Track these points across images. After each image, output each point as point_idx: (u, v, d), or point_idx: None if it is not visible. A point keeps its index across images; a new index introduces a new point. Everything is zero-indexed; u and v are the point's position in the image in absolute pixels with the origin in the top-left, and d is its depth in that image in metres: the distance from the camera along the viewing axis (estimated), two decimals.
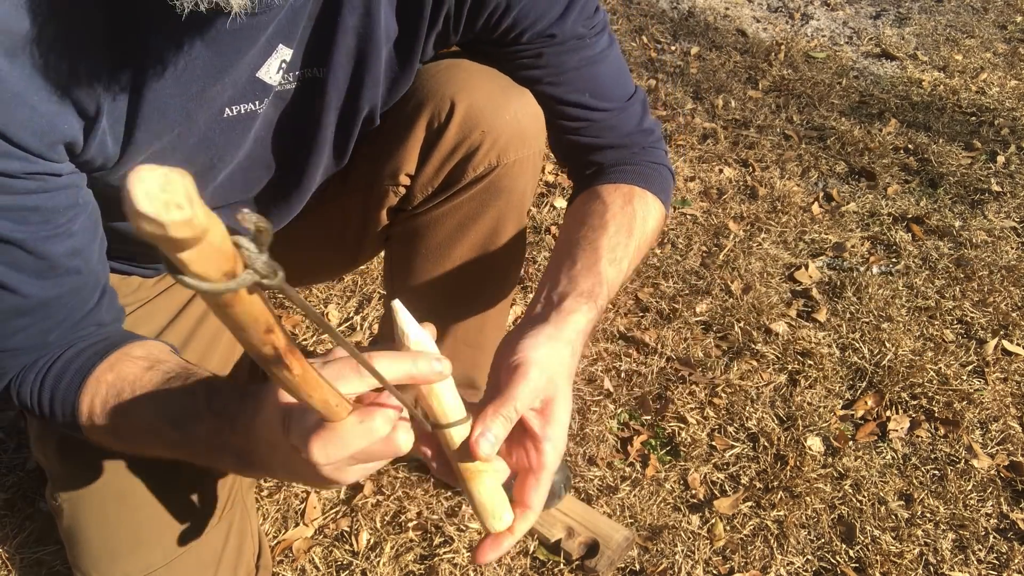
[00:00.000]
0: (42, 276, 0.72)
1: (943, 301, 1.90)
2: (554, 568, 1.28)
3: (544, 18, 0.86)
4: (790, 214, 2.17)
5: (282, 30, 0.75)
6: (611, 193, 0.92)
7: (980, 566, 1.35)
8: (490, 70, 0.92)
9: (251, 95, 0.78)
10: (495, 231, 1.01)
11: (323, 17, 0.78)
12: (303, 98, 0.84)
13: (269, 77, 0.78)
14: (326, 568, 1.27)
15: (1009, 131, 2.64)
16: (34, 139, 0.64)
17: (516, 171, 0.96)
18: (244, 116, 0.80)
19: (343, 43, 0.80)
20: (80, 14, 0.63)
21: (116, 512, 0.91)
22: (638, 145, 0.97)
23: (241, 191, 0.90)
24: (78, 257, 0.74)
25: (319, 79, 0.83)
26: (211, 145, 0.79)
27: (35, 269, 0.71)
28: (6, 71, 0.60)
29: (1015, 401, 1.65)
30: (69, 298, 0.75)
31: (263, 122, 0.83)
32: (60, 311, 0.75)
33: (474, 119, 0.91)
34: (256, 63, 0.76)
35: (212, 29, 0.68)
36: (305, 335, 1.67)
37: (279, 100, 0.83)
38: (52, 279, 0.72)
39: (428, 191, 0.99)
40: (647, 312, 1.80)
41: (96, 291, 0.78)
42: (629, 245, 0.89)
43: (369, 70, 0.84)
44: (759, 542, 1.35)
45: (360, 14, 0.79)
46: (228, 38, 0.70)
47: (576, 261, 0.85)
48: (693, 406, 1.58)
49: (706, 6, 3.42)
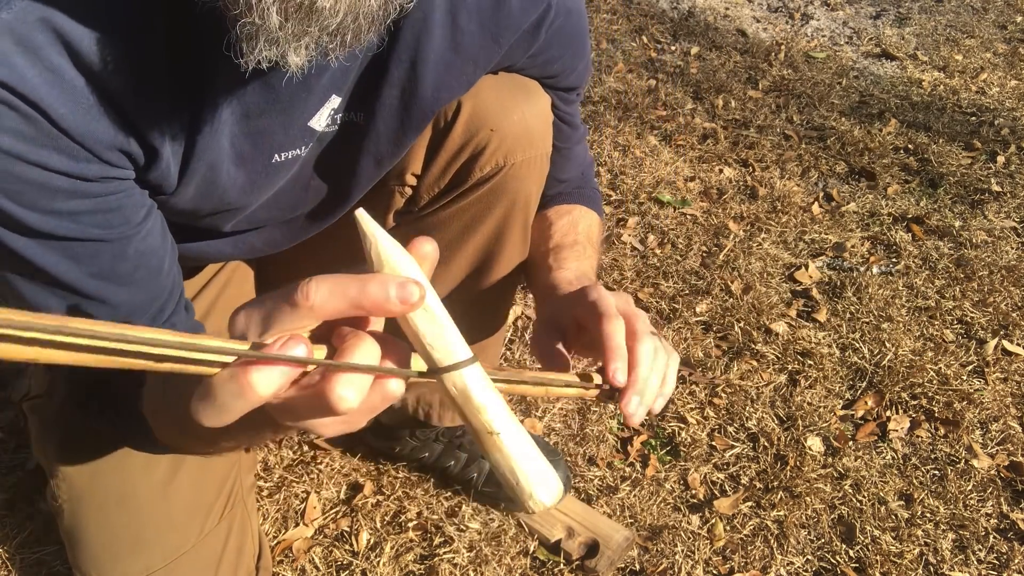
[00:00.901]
0: (126, 282, 0.72)
1: (943, 301, 1.90)
2: (554, 568, 1.28)
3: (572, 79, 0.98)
4: (790, 214, 2.17)
5: (336, 81, 0.76)
6: (558, 214, 1.06)
7: (980, 566, 1.35)
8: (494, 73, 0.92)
9: (300, 141, 0.79)
10: (501, 233, 1.01)
11: (372, 66, 0.79)
12: (342, 141, 0.85)
13: (319, 125, 0.79)
14: (326, 568, 1.27)
15: (1009, 131, 2.64)
16: (109, 150, 0.65)
17: (523, 172, 0.96)
18: (290, 161, 0.81)
19: (388, 94, 0.81)
20: (148, 60, 0.64)
21: (116, 513, 0.91)
22: (587, 177, 1.10)
23: (264, 220, 0.92)
24: (155, 257, 0.74)
25: (359, 124, 0.84)
26: (254, 188, 0.80)
27: (121, 275, 0.71)
28: (81, 87, 0.61)
29: (1015, 401, 1.65)
30: (151, 305, 0.75)
31: (301, 164, 0.84)
32: (146, 318, 0.75)
33: (481, 118, 0.91)
34: (311, 113, 0.77)
35: (273, 81, 0.70)
36: None
37: (319, 143, 0.83)
38: (135, 285, 0.72)
39: (434, 191, 0.99)
40: (647, 312, 1.80)
41: (175, 297, 0.78)
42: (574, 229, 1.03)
43: (412, 120, 0.85)
44: (759, 542, 1.35)
45: (406, 70, 0.80)
46: (287, 90, 0.72)
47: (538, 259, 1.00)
48: (693, 406, 1.58)
49: (706, 6, 3.42)
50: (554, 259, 0.97)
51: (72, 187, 0.63)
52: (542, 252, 1.01)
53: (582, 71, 0.99)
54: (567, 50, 0.93)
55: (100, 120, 0.63)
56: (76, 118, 0.61)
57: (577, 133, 1.05)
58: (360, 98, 0.81)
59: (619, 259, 1.95)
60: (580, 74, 0.99)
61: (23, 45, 0.57)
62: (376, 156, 0.87)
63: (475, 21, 0.80)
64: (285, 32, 0.55)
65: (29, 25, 0.57)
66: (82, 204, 0.65)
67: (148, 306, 0.75)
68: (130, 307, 0.73)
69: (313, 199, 0.92)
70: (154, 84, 0.65)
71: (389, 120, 0.83)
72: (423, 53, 0.79)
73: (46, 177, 0.62)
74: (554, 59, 0.92)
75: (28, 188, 0.61)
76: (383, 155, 0.88)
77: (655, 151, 2.41)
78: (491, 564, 1.28)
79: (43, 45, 0.58)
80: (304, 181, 0.88)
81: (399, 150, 0.88)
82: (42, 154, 0.61)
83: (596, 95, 2.68)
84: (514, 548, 1.30)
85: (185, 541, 0.94)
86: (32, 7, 0.57)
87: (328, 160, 0.87)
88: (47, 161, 0.61)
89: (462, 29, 0.80)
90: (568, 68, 0.96)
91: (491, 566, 1.27)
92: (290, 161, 0.81)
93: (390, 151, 0.88)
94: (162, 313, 0.76)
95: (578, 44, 0.94)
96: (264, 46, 0.56)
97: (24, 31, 0.57)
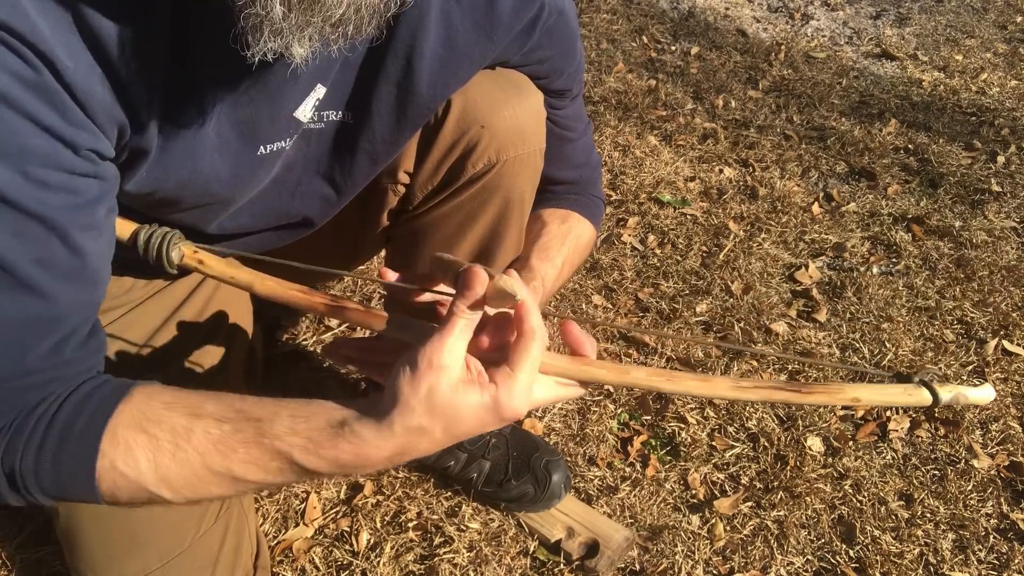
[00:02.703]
0: (70, 278, 0.65)
1: (943, 301, 1.89)
2: (554, 568, 1.28)
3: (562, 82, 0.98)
4: (790, 214, 2.17)
5: (322, 71, 0.76)
6: (552, 215, 1.07)
7: (980, 566, 1.34)
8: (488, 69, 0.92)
9: (285, 132, 0.79)
10: (496, 231, 1.01)
11: (367, 63, 0.79)
12: (335, 141, 0.85)
13: (304, 115, 0.79)
14: (326, 568, 1.27)
15: (1009, 131, 2.64)
16: (104, 115, 0.63)
17: (516, 168, 0.96)
18: (274, 154, 0.81)
19: (384, 90, 0.81)
20: (153, 39, 0.64)
21: (112, 514, 0.91)
22: (585, 180, 1.10)
23: (249, 226, 0.91)
24: (103, 260, 0.70)
25: (352, 123, 0.84)
26: (238, 181, 0.80)
27: (67, 268, 0.64)
28: (87, 50, 0.60)
29: (1015, 401, 1.64)
30: (85, 310, 0.68)
31: (284, 160, 0.84)
32: (75, 324, 0.67)
33: (471, 115, 0.91)
34: (296, 102, 0.77)
35: (263, 72, 0.70)
36: (304, 335, 1.67)
37: (304, 139, 0.83)
38: (79, 283, 0.66)
39: (428, 189, 0.99)
40: (647, 312, 1.80)
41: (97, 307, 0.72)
42: (563, 248, 1.03)
43: (407, 118, 0.85)
44: (759, 542, 1.35)
45: (402, 66, 0.80)
46: (275, 80, 0.72)
47: (513, 264, 1.01)
48: (693, 406, 1.58)
49: (706, 6, 3.42)
50: (527, 270, 0.99)
51: (51, 151, 0.60)
52: (522, 255, 1.03)
53: (572, 74, 0.98)
54: (557, 50, 0.93)
55: (101, 84, 0.62)
56: (80, 76, 0.60)
57: (572, 134, 1.05)
58: (356, 96, 0.81)
59: (619, 259, 1.95)
60: (570, 77, 0.98)
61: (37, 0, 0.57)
62: (371, 155, 0.87)
63: (469, 18, 0.80)
64: (289, 23, 0.56)
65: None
66: (54, 176, 0.61)
67: (85, 310, 0.68)
68: (67, 306, 0.65)
69: (301, 206, 0.92)
70: (153, 63, 0.65)
71: (385, 117, 0.83)
72: (419, 50, 0.79)
73: (29, 131, 0.59)
74: (545, 59, 0.93)
75: (6, 137, 0.58)
76: (378, 153, 0.88)
77: (655, 151, 2.41)
78: (491, 564, 1.27)
79: (56, 4, 0.57)
80: (291, 187, 0.88)
81: (394, 148, 0.88)
82: (35, 105, 0.58)
83: (596, 95, 2.68)
84: (514, 548, 1.30)
85: (181, 541, 0.93)
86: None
87: (321, 161, 0.87)
88: (37, 113, 0.58)
89: (456, 26, 0.80)
90: (557, 70, 0.95)
91: (491, 566, 1.27)
92: (275, 154, 0.80)
93: (385, 149, 0.88)
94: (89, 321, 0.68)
95: (568, 45, 0.94)
96: (269, 37, 0.56)
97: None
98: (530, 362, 0.61)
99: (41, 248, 0.62)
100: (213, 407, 0.64)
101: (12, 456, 0.62)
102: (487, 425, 0.61)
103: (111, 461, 0.62)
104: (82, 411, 0.63)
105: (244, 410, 0.63)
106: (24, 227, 0.60)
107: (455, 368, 0.60)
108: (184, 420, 0.63)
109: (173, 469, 0.62)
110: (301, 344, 1.65)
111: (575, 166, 1.08)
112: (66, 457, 0.61)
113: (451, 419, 0.60)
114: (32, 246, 0.61)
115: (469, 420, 0.61)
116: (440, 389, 0.59)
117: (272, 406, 0.64)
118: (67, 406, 0.63)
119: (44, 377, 0.64)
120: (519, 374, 0.61)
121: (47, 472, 0.62)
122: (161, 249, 0.74)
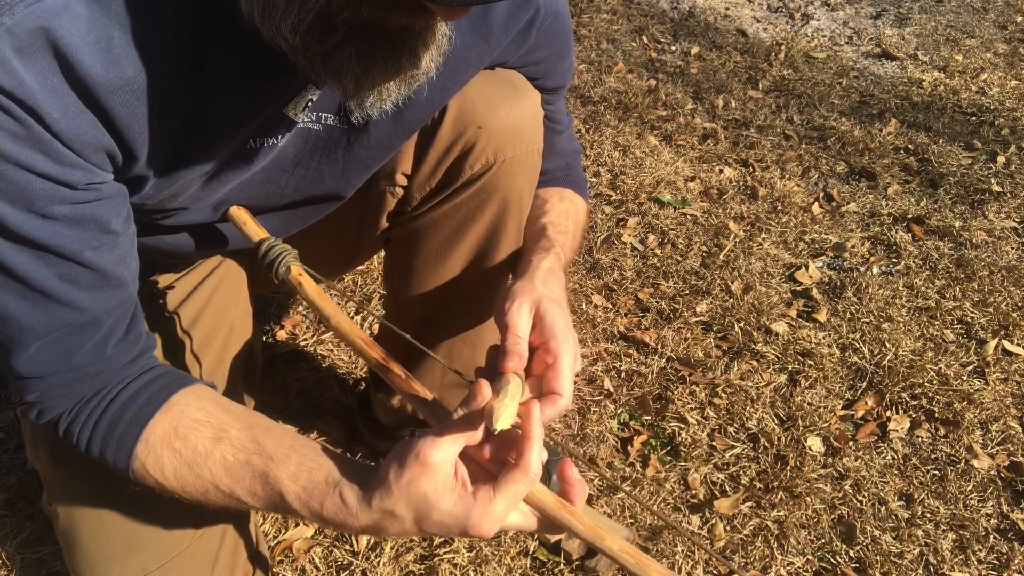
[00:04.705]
0: (94, 288, 0.72)
1: (943, 301, 1.89)
2: (554, 568, 1.28)
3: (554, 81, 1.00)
4: (790, 214, 2.17)
5: None
6: (550, 194, 1.08)
7: (980, 566, 1.34)
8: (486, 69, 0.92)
9: (274, 129, 0.79)
10: (494, 231, 1.01)
11: None
12: (330, 143, 0.85)
13: (295, 114, 0.79)
14: (326, 568, 1.27)
15: (1009, 131, 2.64)
16: (94, 151, 0.66)
17: (514, 168, 0.96)
18: (265, 149, 0.81)
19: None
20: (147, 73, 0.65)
21: (110, 515, 0.91)
22: (571, 165, 1.12)
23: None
24: (123, 266, 0.75)
25: (348, 128, 0.83)
26: (223, 170, 0.80)
27: (89, 281, 0.71)
28: (72, 92, 0.62)
29: (1015, 401, 1.64)
30: (117, 311, 0.75)
31: (275, 157, 0.84)
32: (110, 325, 0.75)
33: (467, 116, 0.91)
34: (287, 100, 0.77)
35: (264, 85, 0.71)
36: (305, 335, 1.67)
37: (299, 138, 0.83)
38: (104, 291, 0.73)
39: (426, 190, 0.99)
40: (647, 312, 1.80)
41: (135, 303, 0.79)
42: (568, 221, 1.04)
43: (405, 123, 0.85)
44: (759, 542, 1.35)
45: None
46: (275, 83, 0.73)
47: (527, 240, 1.02)
48: (693, 406, 1.58)
49: (706, 6, 3.42)
50: (545, 239, 0.99)
51: (53, 192, 0.65)
52: (536, 229, 1.02)
53: (564, 72, 1.00)
54: (553, 50, 0.94)
55: (89, 122, 0.64)
56: (67, 122, 0.62)
57: (560, 126, 1.06)
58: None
59: (619, 259, 1.95)
60: (563, 75, 1.00)
61: (21, 50, 0.58)
62: (366, 158, 0.87)
63: (465, 21, 0.80)
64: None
65: (28, 32, 0.58)
66: (59, 210, 0.66)
67: (117, 310, 0.75)
68: (99, 312, 0.73)
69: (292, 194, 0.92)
70: (148, 93, 0.66)
71: (382, 120, 0.83)
72: None
73: (30, 179, 0.63)
74: (540, 59, 0.93)
75: (10, 187, 0.63)
76: (373, 157, 0.88)
77: (655, 151, 2.41)
78: (491, 564, 1.27)
79: (40, 51, 0.59)
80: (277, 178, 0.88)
81: (390, 151, 0.89)
82: (30, 155, 0.62)
83: (596, 95, 2.68)
84: (514, 548, 1.30)
85: (180, 542, 0.93)
86: (33, 15, 0.58)
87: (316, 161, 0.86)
88: (34, 164, 0.63)
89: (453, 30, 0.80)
90: (551, 70, 0.97)
91: (491, 566, 1.27)
92: (265, 149, 0.80)
93: (380, 153, 0.88)
94: (124, 319, 0.76)
95: (562, 45, 0.95)
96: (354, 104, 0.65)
97: (23, 36, 0.58)
98: (514, 495, 0.66)
99: (63, 267, 0.69)
100: (236, 433, 0.74)
101: (69, 441, 0.76)
102: (451, 532, 0.68)
103: (142, 463, 0.74)
104: (123, 415, 0.74)
105: (262, 444, 0.74)
106: (43, 255, 0.68)
107: (441, 469, 0.66)
108: (207, 443, 0.74)
109: (189, 480, 0.74)
110: (301, 344, 1.65)
111: (563, 155, 1.10)
112: (109, 453, 0.75)
113: (423, 515, 0.67)
114: (54, 268, 0.69)
115: (438, 522, 0.67)
116: (420, 484, 0.65)
117: (287, 448, 0.73)
118: (114, 406, 0.75)
119: (92, 371, 0.74)
120: (499, 500, 0.66)
121: (95, 456, 0.76)
122: (276, 261, 0.87)
